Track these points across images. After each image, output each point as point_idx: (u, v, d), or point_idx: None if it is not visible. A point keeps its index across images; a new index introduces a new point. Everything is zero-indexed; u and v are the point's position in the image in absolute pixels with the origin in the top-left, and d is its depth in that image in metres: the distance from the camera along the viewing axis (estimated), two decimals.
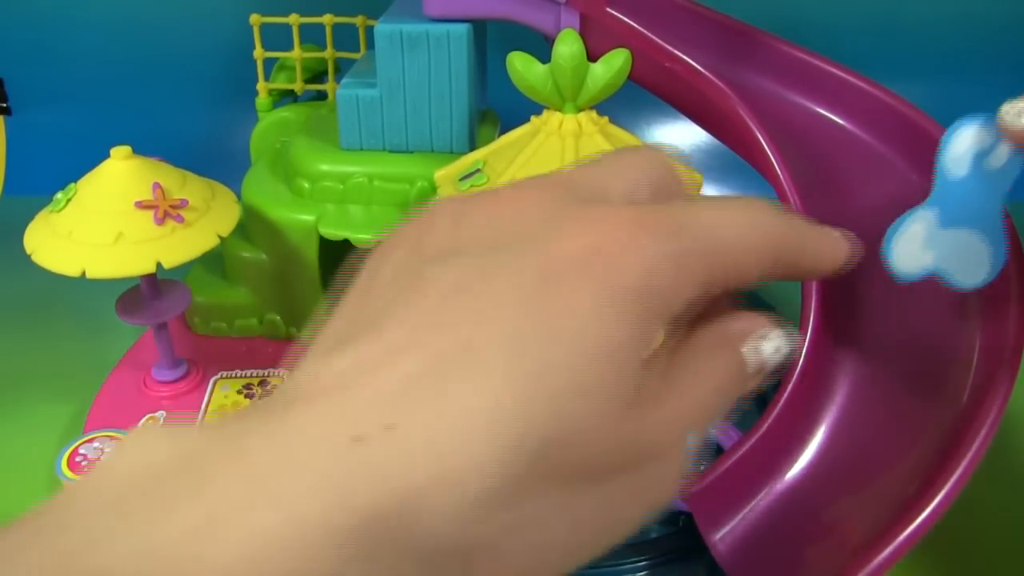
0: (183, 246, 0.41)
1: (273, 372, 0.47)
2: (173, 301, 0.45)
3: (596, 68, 0.39)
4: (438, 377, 0.17)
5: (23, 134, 0.75)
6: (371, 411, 0.16)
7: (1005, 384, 0.31)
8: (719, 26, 0.44)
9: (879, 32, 0.71)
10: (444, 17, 0.45)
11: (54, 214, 0.41)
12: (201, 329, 0.51)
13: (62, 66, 0.73)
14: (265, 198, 0.48)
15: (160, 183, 0.41)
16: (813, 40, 0.44)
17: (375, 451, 0.16)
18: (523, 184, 0.20)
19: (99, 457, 0.35)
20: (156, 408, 0.45)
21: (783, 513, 0.36)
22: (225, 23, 0.69)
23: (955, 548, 0.40)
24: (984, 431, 0.30)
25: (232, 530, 0.15)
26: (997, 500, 0.42)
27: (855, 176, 0.40)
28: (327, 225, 0.46)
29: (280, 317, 0.50)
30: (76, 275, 0.40)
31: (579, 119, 0.39)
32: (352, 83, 0.47)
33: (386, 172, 0.47)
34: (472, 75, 0.46)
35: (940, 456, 0.31)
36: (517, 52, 0.39)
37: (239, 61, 0.61)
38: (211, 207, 0.43)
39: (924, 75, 0.69)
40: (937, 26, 0.71)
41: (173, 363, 0.46)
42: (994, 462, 0.31)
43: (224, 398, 0.46)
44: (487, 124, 0.52)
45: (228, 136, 0.71)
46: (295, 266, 0.48)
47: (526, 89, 0.39)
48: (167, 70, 0.73)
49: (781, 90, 0.43)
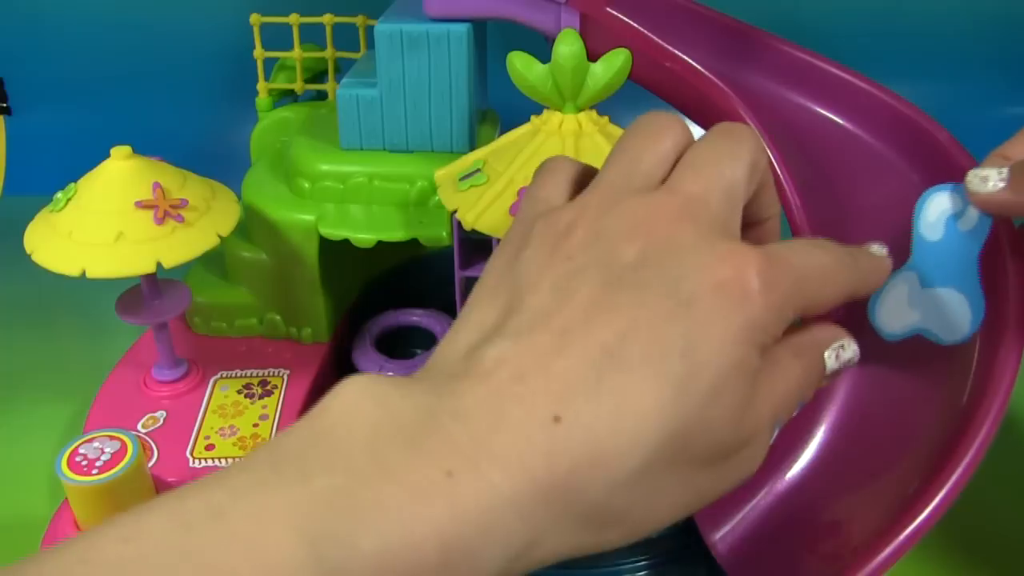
0: (183, 246, 0.41)
1: (273, 372, 0.47)
2: (173, 301, 0.45)
3: (596, 68, 0.39)
4: (597, 374, 0.21)
5: (23, 134, 0.75)
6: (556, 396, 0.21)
7: (1005, 383, 0.31)
8: (719, 26, 0.44)
9: (879, 32, 0.71)
10: (444, 17, 0.45)
11: (54, 214, 0.41)
12: (201, 329, 0.51)
13: (62, 66, 0.73)
14: (265, 198, 0.48)
15: (160, 183, 0.41)
16: (813, 40, 0.44)
17: (567, 430, 0.20)
18: (630, 197, 0.24)
19: (99, 457, 0.35)
20: (156, 408, 0.45)
21: (783, 513, 0.36)
22: (225, 23, 0.70)
23: (955, 548, 0.40)
24: (984, 431, 0.30)
25: (469, 484, 0.19)
26: (997, 500, 0.43)
27: (855, 176, 0.40)
28: (327, 225, 0.46)
29: (280, 317, 0.50)
30: (76, 275, 0.40)
31: (579, 119, 0.39)
32: (352, 83, 0.47)
33: (386, 172, 0.47)
34: (472, 75, 0.46)
35: (940, 455, 0.31)
36: (517, 52, 0.39)
37: (239, 61, 0.62)
38: (211, 207, 0.43)
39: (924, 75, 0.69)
40: (937, 26, 0.71)
41: (173, 363, 0.46)
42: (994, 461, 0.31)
43: (224, 398, 0.46)
44: (487, 124, 0.52)
45: (228, 136, 0.71)
46: (295, 266, 0.48)
47: (526, 89, 0.39)
48: (167, 70, 0.73)
49: (781, 90, 0.43)
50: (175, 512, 0.19)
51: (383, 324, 0.52)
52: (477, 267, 0.44)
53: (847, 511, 0.33)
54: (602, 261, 0.23)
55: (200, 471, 0.41)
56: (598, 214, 0.24)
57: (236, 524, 0.18)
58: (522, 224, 0.26)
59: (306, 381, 0.47)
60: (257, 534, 0.18)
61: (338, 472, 0.19)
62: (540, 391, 0.21)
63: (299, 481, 0.19)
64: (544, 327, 0.22)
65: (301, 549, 0.18)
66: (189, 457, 0.42)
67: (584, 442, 0.20)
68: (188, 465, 0.42)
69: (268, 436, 0.43)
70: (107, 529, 0.19)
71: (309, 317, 0.49)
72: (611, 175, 0.26)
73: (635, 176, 0.25)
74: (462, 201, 0.40)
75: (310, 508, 0.19)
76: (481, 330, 0.23)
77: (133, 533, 0.19)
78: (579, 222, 0.24)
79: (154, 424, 0.44)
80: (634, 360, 0.21)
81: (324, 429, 0.20)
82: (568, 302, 0.22)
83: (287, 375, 0.47)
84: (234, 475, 0.20)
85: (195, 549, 0.18)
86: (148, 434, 0.43)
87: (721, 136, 0.26)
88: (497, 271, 0.25)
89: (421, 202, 0.47)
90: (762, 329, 0.22)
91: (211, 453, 0.42)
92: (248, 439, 0.43)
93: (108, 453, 0.35)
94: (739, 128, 0.26)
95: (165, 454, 0.42)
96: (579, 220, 0.24)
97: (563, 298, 0.22)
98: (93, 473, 0.34)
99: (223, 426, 0.44)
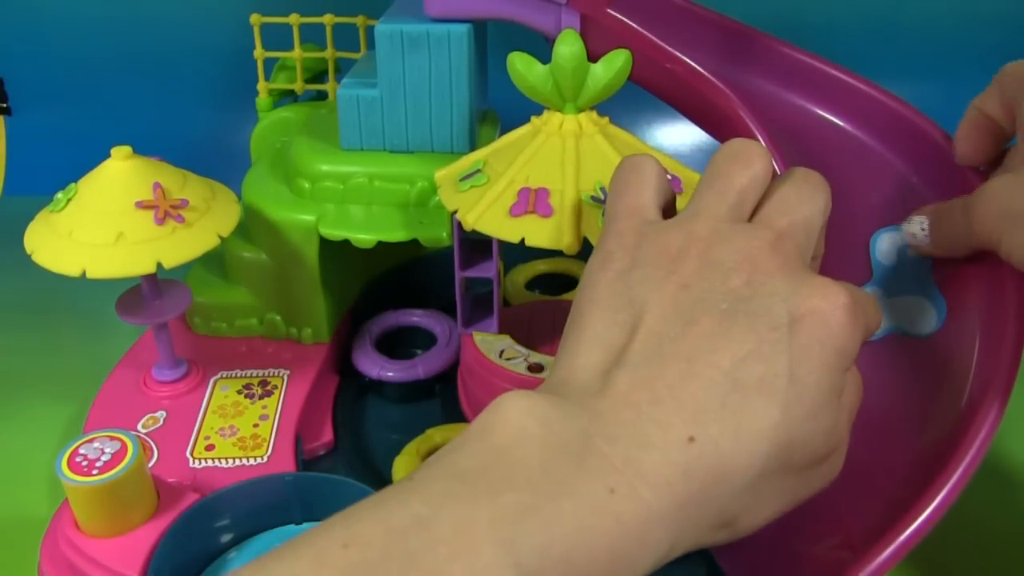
0: (183, 246, 0.41)
1: (273, 372, 0.47)
2: (173, 301, 0.45)
3: (596, 69, 0.39)
4: (721, 398, 0.24)
5: (23, 134, 0.75)
6: (689, 419, 0.24)
7: (1005, 384, 0.31)
8: (719, 27, 0.44)
9: (879, 32, 0.71)
10: (444, 17, 0.45)
11: (54, 214, 0.41)
12: (201, 329, 0.51)
13: (62, 66, 0.73)
14: (265, 198, 0.48)
15: (160, 183, 0.41)
16: (813, 41, 0.44)
17: (700, 448, 0.23)
18: (736, 230, 0.27)
19: (99, 457, 0.35)
20: (156, 408, 0.45)
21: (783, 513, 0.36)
22: (225, 23, 0.70)
23: (956, 548, 0.40)
24: (984, 431, 0.30)
25: (628, 501, 0.22)
26: (997, 500, 0.43)
27: (854, 177, 0.40)
28: (327, 225, 0.46)
29: (280, 317, 0.50)
30: (76, 275, 0.40)
31: (579, 119, 0.39)
32: (352, 83, 0.47)
33: (386, 172, 0.47)
34: (472, 75, 0.46)
35: (940, 456, 0.31)
36: (517, 52, 0.39)
37: (239, 61, 0.61)
38: (211, 207, 0.43)
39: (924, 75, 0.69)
40: (937, 26, 0.71)
41: (173, 363, 0.46)
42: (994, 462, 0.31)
43: (224, 398, 0.46)
44: (487, 124, 0.52)
45: (228, 136, 0.71)
46: (295, 266, 0.48)
47: (526, 89, 0.39)
48: (167, 70, 0.73)
49: (781, 91, 0.43)
50: (382, 520, 0.21)
51: (383, 324, 0.52)
52: (477, 267, 0.44)
53: (847, 512, 0.33)
54: (717, 291, 0.26)
55: (200, 471, 0.41)
56: (708, 245, 0.27)
57: (442, 532, 0.21)
58: (621, 236, 0.29)
59: (306, 381, 0.47)
60: (463, 542, 0.21)
61: (522, 488, 0.22)
62: (675, 414, 0.24)
63: (488, 495, 0.22)
64: (672, 354, 0.25)
65: (501, 555, 0.21)
66: (189, 457, 0.42)
67: (714, 458, 0.23)
68: (188, 465, 0.42)
69: (268, 436, 0.43)
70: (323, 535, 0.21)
71: (309, 317, 0.49)
72: (709, 200, 0.28)
73: (731, 203, 0.28)
74: (462, 201, 0.40)
75: (503, 519, 0.21)
76: (608, 349, 0.26)
77: (351, 538, 0.21)
78: (691, 250, 0.27)
79: (154, 424, 0.44)
80: (750, 384, 0.24)
81: (500, 448, 0.23)
82: (691, 329, 0.25)
83: (287, 375, 0.47)
84: (424, 485, 0.22)
85: (412, 554, 0.21)
86: (148, 434, 0.43)
87: (803, 179, 0.29)
88: (607, 286, 0.27)
89: (421, 202, 0.47)
90: (848, 356, 0.26)
91: (211, 453, 0.42)
92: (248, 439, 0.43)
93: (108, 453, 0.35)
94: (816, 175, 0.29)
95: (165, 454, 0.42)
96: (691, 247, 0.27)
97: (685, 325, 0.25)
98: (93, 473, 0.34)
99: (223, 426, 0.44)
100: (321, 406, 0.47)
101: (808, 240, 0.28)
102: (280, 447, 0.43)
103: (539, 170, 0.38)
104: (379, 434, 0.47)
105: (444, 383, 0.49)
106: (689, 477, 0.23)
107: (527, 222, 0.38)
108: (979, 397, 0.32)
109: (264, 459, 0.42)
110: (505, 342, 0.44)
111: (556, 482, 0.22)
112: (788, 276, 0.26)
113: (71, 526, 0.36)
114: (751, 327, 0.25)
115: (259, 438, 0.43)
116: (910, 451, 0.34)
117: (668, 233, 0.28)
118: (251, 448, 0.42)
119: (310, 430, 0.45)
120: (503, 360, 0.43)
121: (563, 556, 0.21)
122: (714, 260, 0.26)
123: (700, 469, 0.23)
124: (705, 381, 0.24)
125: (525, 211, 0.38)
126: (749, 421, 0.24)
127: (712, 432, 0.23)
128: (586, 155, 0.38)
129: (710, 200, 0.28)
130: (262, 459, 0.42)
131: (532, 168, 0.39)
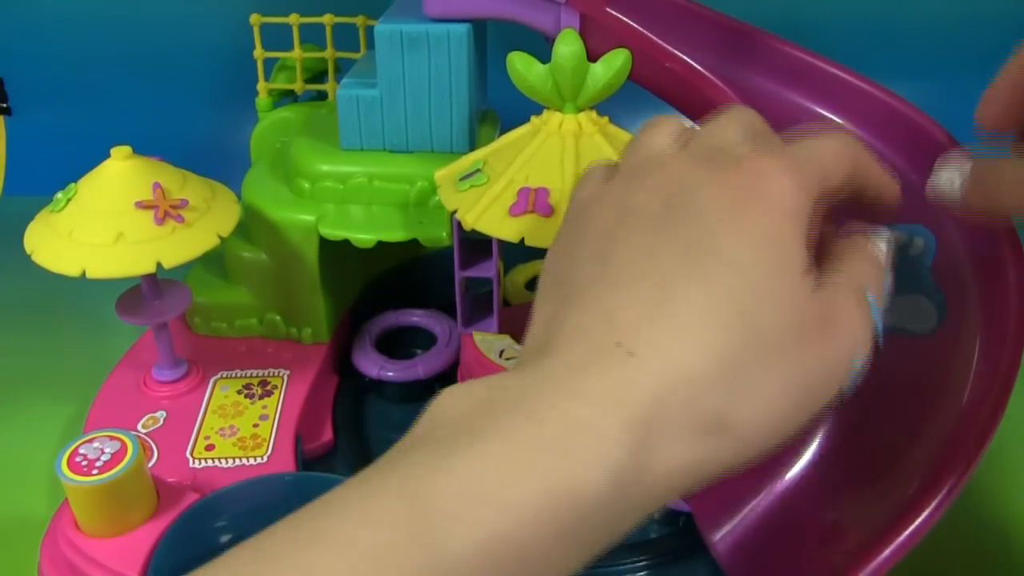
0: (183, 246, 0.41)
1: (273, 372, 0.47)
2: (173, 301, 0.45)
3: (596, 68, 0.39)
4: (653, 307, 0.23)
5: (23, 134, 0.75)
6: (622, 336, 0.22)
7: (1005, 384, 0.31)
8: (719, 26, 0.44)
9: (879, 32, 0.71)
10: (444, 17, 0.45)
11: (54, 214, 0.41)
12: (201, 329, 0.51)
13: (62, 66, 0.73)
14: (265, 198, 0.48)
15: (160, 183, 0.41)
16: (813, 40, 0.44)
17: (640, 361, 0.22)
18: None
19: (99, 457, 0.35)
20: (156, 408, 0.45)
21: (783, 513, 0.36)
22: (225, 23, 0.69)
23: (956, 548, 0.40)
24: (984, 431, 0.30)
25: (556, 425, 0.21)
26: (997, 500, 0.43)
27: None
28: (327, 225, 0.46)
29: (280, 317, 0.50)
30: (76, 275, 0.40)
31: (579, 119, 0.39)
32: (352, 83, 0.47)
33: (386, 172, 0.47)
34: (472, 75, 0.46)
35: (940, 456, 0.31)
36: (517, 52, 0.39)
37: (239, 61, 0.61)
38: (211, 207, 0.43)
39: (924, 75, 0.69)
40: (937, 26, 0.71)
41: (173, 363, 0.46)
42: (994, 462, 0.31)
43: (224, 398, 0.46)
44: (487, 124, 0.52)
45: (228, 136, 0.71)
46: (295, 266, 0.48)
47: (526, 89, 0.39)
48: (167, 70, 0.73)
49: (781, 90, 0.43)
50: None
51: (383, 324, 0.52)
52: (477, 267, 0.44)
53: (847, 512, 0.33)
54: (641, 213, 0.26)
55: (200, 471, 0.41)
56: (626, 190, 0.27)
57: (352, 502, 0.21)
58: None
59: (306, 381, 0.47)
60: (368, 503, 0.21)
61: (442, 443, 0.21)
62: (609, 334, 0.23)
63: (404, 455, 0.22)
64: (605, 286, 0.24)
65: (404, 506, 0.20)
66: (189, 457, 0.42)
67: (660, 363, 0.22)
68: (188, 465, 0.42)
69: (268, 436, 0.43)
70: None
71: (309, 317, 0.49)
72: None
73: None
74: (462, 201, 0.40)
75: (412, 475, 0.21)
76: (545, 315, 0.26)
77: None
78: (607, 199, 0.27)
79: (154, 424, 0.44)
80: (679, 284, 0.23)
81: (428, 421, 0.23)
82: (612, 260, 0.25)
83: (287, 375, 0.47)
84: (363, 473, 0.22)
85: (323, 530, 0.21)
86: (148, 434, 0.43)
87: None
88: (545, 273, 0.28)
89: (421, 202, 0.47)
90: (796, 216, 0.24)
91: (211, 453, 0.42)
92: (248, 439, 0.43)
93: (108, 453, 0.35)
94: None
95: (165, 454, 0.42)
96: (606, 198, 0.27)
97: (606, 258, 0.25)
98: (93, 473, 0.34)
99: (223, 426, 0.44)
100: (321, 406, 0.47)
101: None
102: (280, 447, 0.43)
103: (539, 170, 0.38)
104: (379, 434, 0.47)
105: (444, 383, 0.49)
106: (637, 388, 0.22)
107: (527, 222, 0.38)
108: (979, 397, 0.32)
109: (264, 459, 0.42)
110: (505, 342, 0.44)
111: (476, 430, 0.21)
112: (708, 170, 0.25)
113: (71, 526, 0.36)
114: (674, 236, 0.24)
115: (259, 438, 0.43)
116: (909, 451, 0.34)
117: (597, 202, 0.27)
118: (251, 448, 0.43)
119: (310, 430, 0.45)
120: (503, 360, 0.43)
121: (483, 496, 0.20)
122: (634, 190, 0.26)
123: (648, 378, 0.22)
124: (635, 296, 0.23)
125: (525, 211, 0.38)
126: (687, 316, 0.22)
127: (653, 339, 0.22)
128: (586, 154, 0.38)
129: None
130: (262, 459, 0.42)
131: (532, 168, 0.39)
